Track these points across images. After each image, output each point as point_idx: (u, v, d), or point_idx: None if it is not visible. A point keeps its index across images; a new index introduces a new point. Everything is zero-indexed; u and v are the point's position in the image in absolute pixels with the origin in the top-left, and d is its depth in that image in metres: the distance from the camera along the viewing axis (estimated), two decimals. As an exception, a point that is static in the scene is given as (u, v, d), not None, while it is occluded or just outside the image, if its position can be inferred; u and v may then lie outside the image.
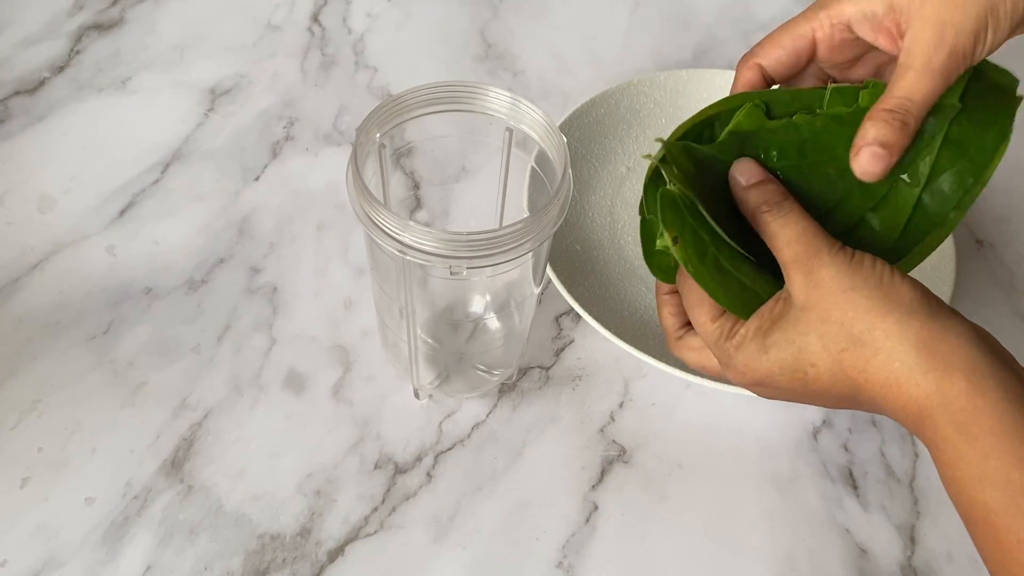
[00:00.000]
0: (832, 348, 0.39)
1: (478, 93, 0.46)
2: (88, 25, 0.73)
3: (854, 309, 0.39)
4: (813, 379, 0.41)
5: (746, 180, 0.43)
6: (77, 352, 0.55)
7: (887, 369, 0.38)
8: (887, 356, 0.38)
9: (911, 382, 0.38)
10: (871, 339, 0.39)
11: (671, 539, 0.50)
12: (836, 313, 0.39)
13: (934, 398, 0.37)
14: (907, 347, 0.38)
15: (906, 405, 0.38)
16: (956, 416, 0.37)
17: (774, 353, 0.41)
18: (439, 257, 0.41)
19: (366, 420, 0.53)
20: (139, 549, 0.48)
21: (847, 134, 0.43)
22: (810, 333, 0.40)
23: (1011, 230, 0.66)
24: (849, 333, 0.39)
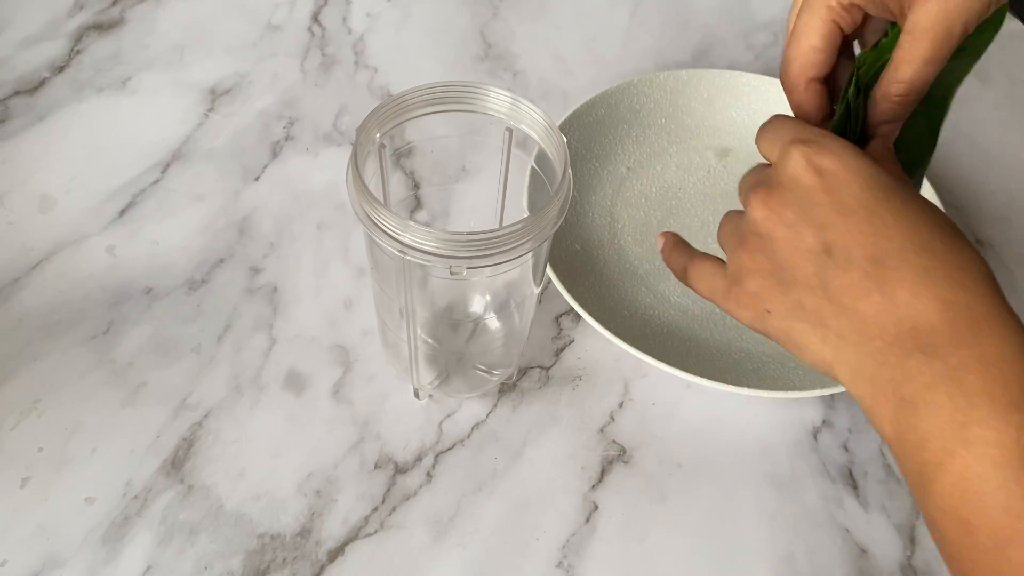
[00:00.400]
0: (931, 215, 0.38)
1: (478, 93, 0.46)
2: (88, 25, 0.73)
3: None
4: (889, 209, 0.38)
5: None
6: (77, 352, 0.55)
7: (979, 262, 0.37)
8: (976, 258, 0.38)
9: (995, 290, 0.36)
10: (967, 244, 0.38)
11: (671, 539, 0.50)
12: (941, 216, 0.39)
13: (1006, 309, 0.36)
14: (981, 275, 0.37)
15: (970, 299, 0.36)
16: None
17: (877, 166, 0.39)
18: (439, 257, 0.41)
19: (366, 420, 0.53)
20: (139, 549, 0.48)
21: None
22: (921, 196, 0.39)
23: (1011, 230, 0.66)
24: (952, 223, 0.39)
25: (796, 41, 0.44)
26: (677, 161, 0.66)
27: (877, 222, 0.37)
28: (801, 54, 0.44)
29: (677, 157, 0.66)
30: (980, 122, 0.73)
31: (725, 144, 0.67)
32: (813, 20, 0.43)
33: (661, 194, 0.64)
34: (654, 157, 0.66)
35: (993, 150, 0.71)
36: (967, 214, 0.66)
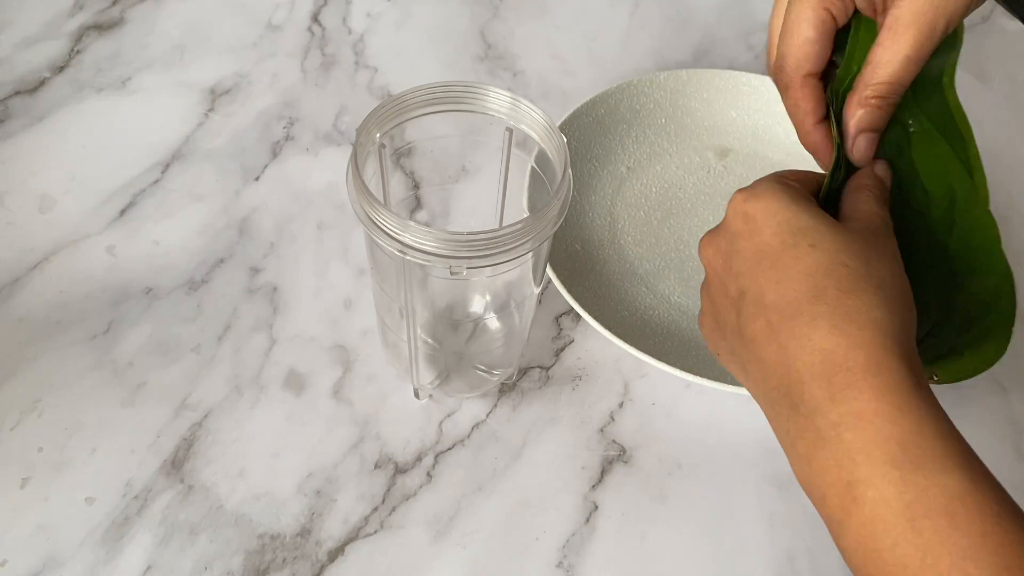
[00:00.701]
0: (841, 257, 0.37)
1: (478, 93, 0.46)
2: (88, 25, 0.73)
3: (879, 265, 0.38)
4: (796, 255, 0.37)
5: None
6: (77, 352, 0.55)
7: (868, 312, 0.36)
8: (880, 301, 0.36)
9: (881, 339, 0.35)
10: (878, 285, 0.37)
11: (671, 539, 0.50)
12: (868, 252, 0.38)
13: (893, 357, 0.34)
14: (899, 308, 0.36)
15: (849, 350, 0.35)
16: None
17: (794, 209, 0.38)
18: (439, 257, 0.41)
19: (366, 420, 0.53)
20: (139, 549, 0.48)
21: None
22: (839, 234, 0.38)
23: (1011, 230, 0.66)
24: (864, 271, 0.37)
25: (788, 35, 0.43)
26: (677, 161, 0.66)
27: (780, 269, 0.37)
28: (795, 48, 0.43)
29: (677, 157, 0.66)
30: (980, 122, 0.73)
31: (725, 144, 0.67)
32: (804, 11, 0.42)
33: (661, 194, 0.64)
34: (654, 157, 0.66)
35: (993, 150, 0.71)
36: (967, 214, 0.66)
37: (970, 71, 0.76)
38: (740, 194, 0.40)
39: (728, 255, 0.39)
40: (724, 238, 0.40)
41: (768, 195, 0.39)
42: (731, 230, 0.40)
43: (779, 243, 0.37)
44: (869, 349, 0.34)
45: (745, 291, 0.38)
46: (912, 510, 0.32)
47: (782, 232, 0.37)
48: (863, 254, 0.37)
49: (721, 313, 0.40)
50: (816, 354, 0.35)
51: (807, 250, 0.37)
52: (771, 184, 0.39)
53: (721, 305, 0.40)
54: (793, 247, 0.37)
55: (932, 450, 0.33)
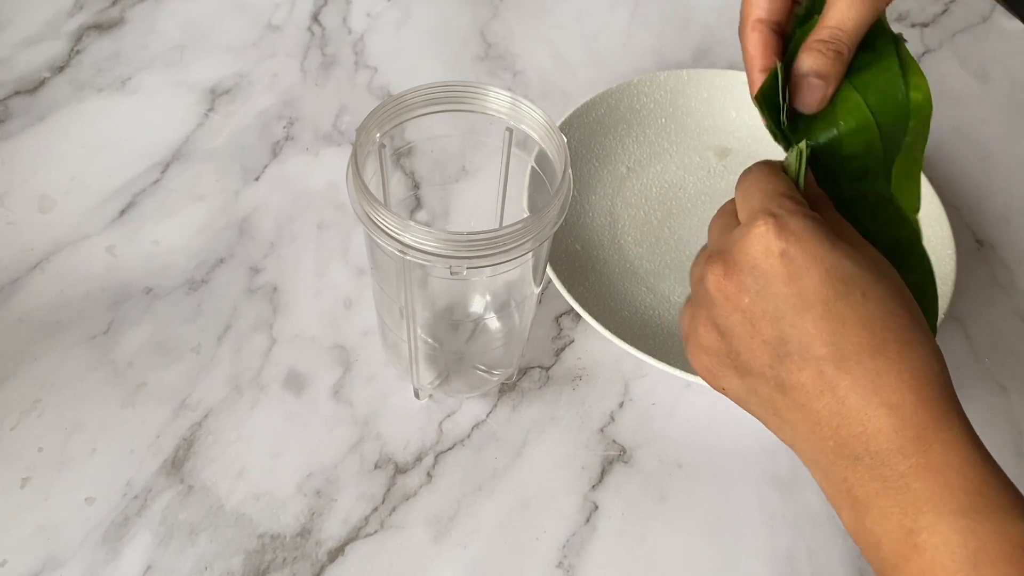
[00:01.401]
0: (894, 307, 0.36)
1: (478, 93, 0.46)
2: (88, 25, 0.73)
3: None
4: (850, 305, 0.36)
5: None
6: (77, 352, 0.55)
7: (935, 362, 0.36)
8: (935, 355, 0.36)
9: (947, 391, 0.36)
10: (928, 338, 0.37)
11: (671, 539, 0.50)
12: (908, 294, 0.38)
13: (956, 414, 0.35)
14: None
15: (919, 404, 0.35)
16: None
17: (840, 253, 0.36)
18: (439, 257, 0.41)
19: (366, 420, 0.53)
20: (139, 549, 0.48)
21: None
22: (886, 278, 0.37)
23: (1011, 230, 0.66)
24: (919, 317, 0.37)
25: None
26: (677, 161, 0.66)
27: (835, 320, 0.36)
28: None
29: (677, 157, 0.66)
30: (980, 122, 0.73)
31: (725, 144, 0.67)
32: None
33: (661, 194, 0.64)
34: (654, 157, 0.66)
35: (993, 150, 0.71)
36: (967, 214, 0.66)
37: (970, 71, 0.76)
38: (768, 228, 0.37)
39: (759, 295, 0.37)
40: (751, 276, 0.37)
41: (807, 236, 0.37)
42: (761, 268, 0.37)
43: (831, 292, 0.36)
44: (935, 404, 0.35)
45: (787, 339, 0.37)
46: (976, 557, 0.33)
47: (831, 280, 0.36)
48: (904, 299, 0.37)
49: (743, 354, 0.38)
50: (883, 408, 0.35)
51: (860, 300, 0.36)
52: (804, 220, 0.37)
53: (745, 347, 0.38)
54: (846, 296, 0.36)
55: (997, 500, 0.34)
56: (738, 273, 0.38)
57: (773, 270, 0.37)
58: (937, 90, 0.44)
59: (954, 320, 0.60)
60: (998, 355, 0.59)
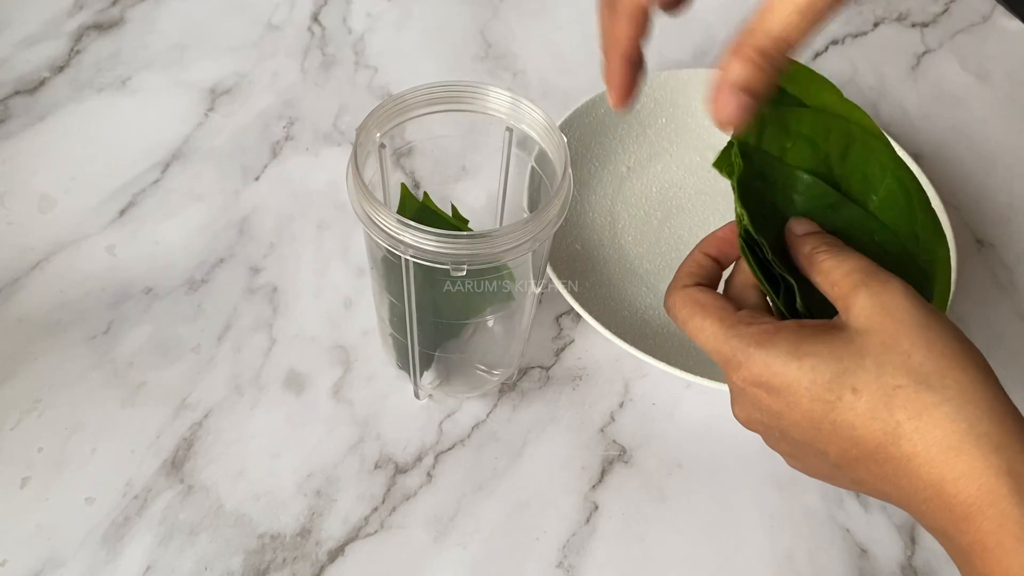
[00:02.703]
0: (888, 380, 0.34)
1: (478, 93, 0.46)
2: (88, 25, 0.73)
3: (927, 347, 0.34)
4: (845, 407, 0.35)
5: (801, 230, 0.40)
6: (77, 352, 0.55)
7: (950, 425, 0.33)
8: (954, 411, 0.33)
9: (976, 451, 0.32)
10: (941, 386, 0.33)
11: (671, 539, 0.50)
12: (905, 344, 0.34)
13: (1003, 482, 0.32)
14: (982, 411, 0.33)
15: (956, 481, 0.33)
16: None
17: (809, 362, 0.35)
18: (439, 257, 0.41)
19: (366, 420, 0.53)
20: (139, 549, 0.48)
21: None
22: (866, 356, 0.35)
23: (1011, 230, 0.66)
24: (915, 371, 0.34)
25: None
26: (677, 161, 0.66)
27: (842, 427, 0.35)
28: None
29: (677, 157, 0.66)
30: (980, 122, 0.73)
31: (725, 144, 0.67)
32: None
33: (661, 194, 0.64)
34: (654, 157, 0.66)
35: (993, 150, 0.71)
36: (967, 214, 0.66)
37: (970, 71, 0.76)
38: (737, 375, 0.37)
39: (782, 430, 0.37)
40: (763, 414, 0.38)
41: (771, 369, 0.36)
42: (763, 407, 0.37)
43: (823, 406, 0.35)
44: (971, 476, 0.33)
45: (825, 452, 0.36)
46: None
47: (817, 395, 0.35)
48: (902, 362, 0.34)
49: (799, 456, 0.39)
50: (929, 490, 0.34)
51: (852, 399, 0.35)
52: (757, 352, 0.36)
53: (796, 451, 0.39)
54: (839, 402, 0.35)
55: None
56: (758, 416, 0.38)
57: (770, 406, 0.37)
58: (937, 90, 0.44)
59: (954, 320, 0.60)
60: (998, 355, 0.59)
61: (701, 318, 0.39)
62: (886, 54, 0.78)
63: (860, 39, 0.79)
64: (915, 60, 0.77)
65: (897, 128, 0.71)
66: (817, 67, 0.77)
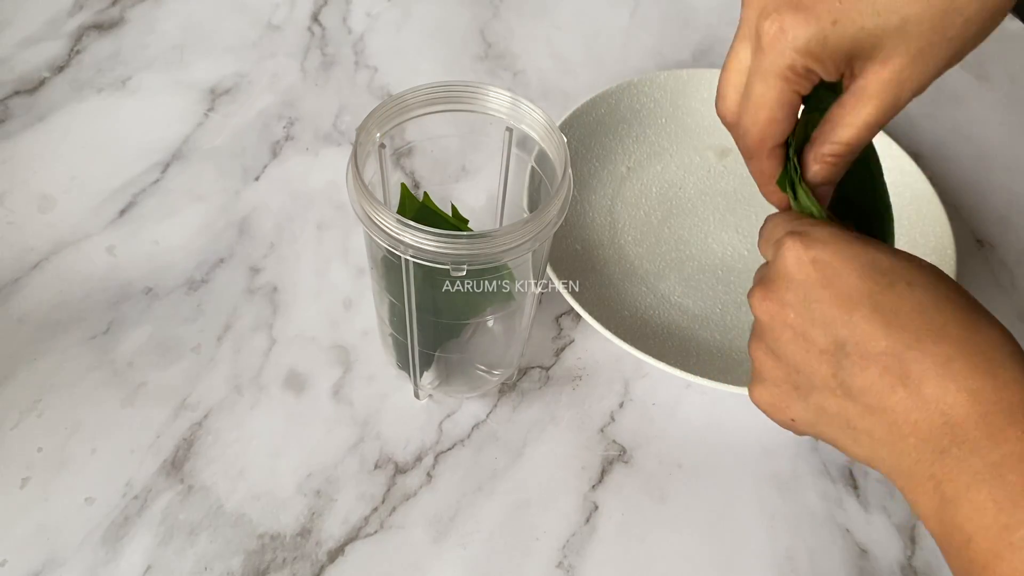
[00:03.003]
0: (943, 291, 0.35)
1: (478, 93, 0.46)
2: (88, 25, 0.73)
3: (972, 301, 0.37)
4: (895, 295, 0.35)
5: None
6: (77, 352, 0.55)
7: (993, 346, 0.35)
8: (1000, 336, 0.35)
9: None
10: (988, 319, 0.36)
11: (671, 539, 0.50)
12: (955, 284, 0.37)
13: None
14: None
15: (1003, 388, 0.33)
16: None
17: (873, 249, 0.36)
18: (439, 257, 0.41)
19: (366, 420, 0.53)
20: (139, 549, 0.48)
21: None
22: (926, 267, 0.36)
23: (1011, 230, 0.66)
24: (969, 298, 0.36)
25: (754, 113, 0.41)
26: (677, 161, 0.66)
27: (886, 312, 0.35)
28: (762, 126, 0.41)
29: (677, 157, 0.66)
30: (980, 122, 0.73)
31: (725, 144, 0.67)
32: (768, 92, 0.40)
33: (661, 194, 0.64)
34: (654, 157, 0.66)
35: (993, 150, 0.71)
36: (967, 214, 0.66)
37: (970, 71, 0.76)
38: (796, 240, 0.37)
39: (804, 306, 0.37)
40: (789, 289, 0.37)
41: (834, 239, 0.37)
42: (798, 279, 0.37)
43: (873, 285, 0.35)
44: (1019, 387, 0.33)
45: (843, 341, 0.36)
46: None
47: (871, 274, 0.35)
48: (954, 285, 0.36)
49: (803, 371, 0.38)
50: (963, 394, 0.33)
51: (906, 288, 0.35)
52: (830, 228, 0.38)
53: (802, 362, 0.38)
54: (890, 287, 0.35)
55: None
56: (776, 291, 0.38)
57: (810, 278, 0.37)
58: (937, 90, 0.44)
59: (954, 320, 0.60)
60: (998, 355, 0.59)
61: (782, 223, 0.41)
62: (886, 54, 0.78)
63: (860, 39, 0.79)
64: (915, 60, 0.77)
65: (897, 128, 0.71)
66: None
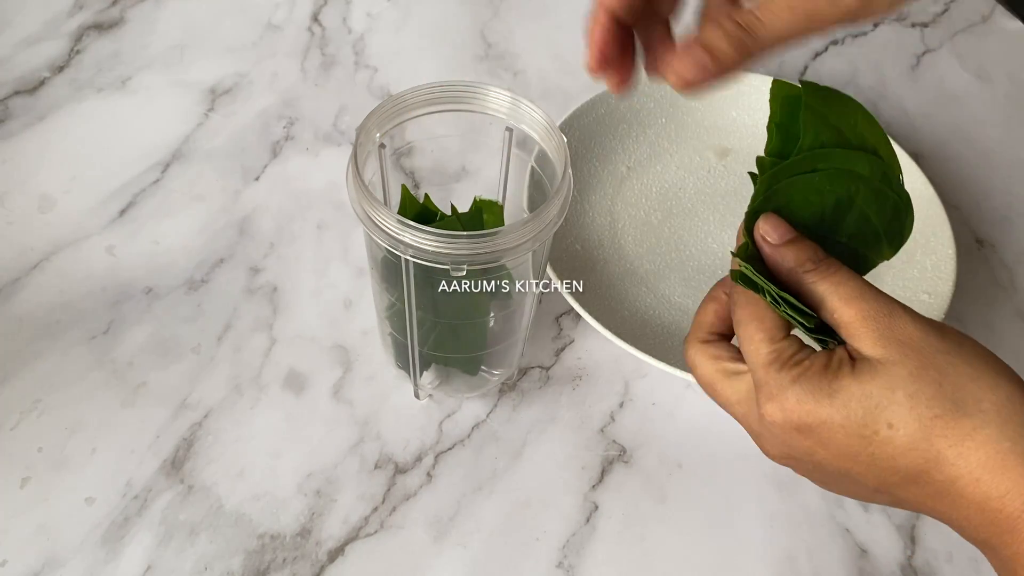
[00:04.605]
0: (924, 412, 0.34)
1: (478, 93, 0.46)
2: (88, 25, 0.73)
3: (955, 373, 0.34)
4: (883, 441, 0.34)
5: (777, 238, 0.38)
6: (77, 352, 0.55)
7: (992, 447, 0.33)
8: (996, 432, 0.33)
9: (1022, 467, 0.32)
10: (977, 410, 0.33)
11: (671, 539, 0.50)
12: (933, 373, 0.34)
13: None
14: (1022, 427, 0.33)
15: (1002, 498, 0.33)
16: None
17: (841, 400, 0.35)
18: (439, 257, 0.41)
19: (366, 420, 0.53)
20: (139, 549, 0.48)
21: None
22: (896, 390, 0.34)
23: (1011, 230, 0.66)
24: (949, 398, 0.34)
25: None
26: (677, 161, 0.66)
27: (884, 459, 0.35)
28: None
29: (677, 157, 0.66)
30: (980, 122, 0.73)
31: (725, 144, 0.67)
32: None
33: (661, 194, 0.64)
34: (654, 157, 0.66)
35: (993, 150, 0.71)
36: (967, 214, 0.66)
37: (970, 71, 0.76)
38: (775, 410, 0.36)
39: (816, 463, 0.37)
40: (795, 453, 0.37)
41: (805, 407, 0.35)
42: (797, 446, 0.37)
43: (859, 441, 0.35)
44: (1017, 491, 0.33)
45: (863, 480, 0.36)
46: None
47: (852, 431, 0.35)
48: (934, 392, 0.34)
49: (845, 484, 0.38)
50: (972, 507, 0.34)
51: (889, 433, 0.34)
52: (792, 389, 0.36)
53: (841, 483, 0.38)
54: (875, 436, 0.35)
55: None
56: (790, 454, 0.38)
57: (802, 445, 0.37)
58: (937, 90, 0.44)
59: (954, 320, 0.60)
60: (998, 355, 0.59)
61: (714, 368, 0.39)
62: (886, 54, 0.78)
63: (860, 39, 0.79)
64: (915, 60, 0.77)
65: (897, 128, 0.72)
66: (817, 67, 0.77)
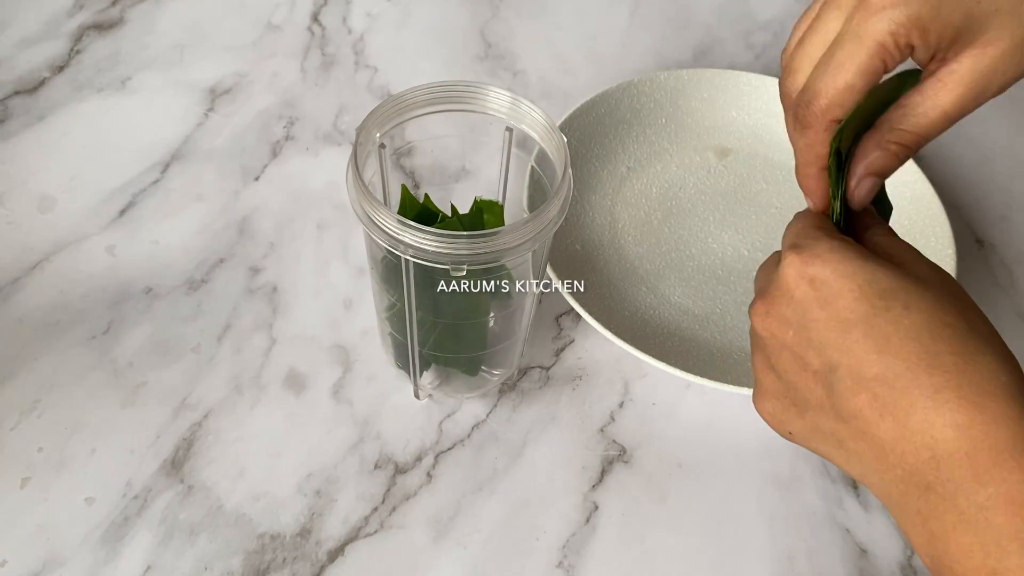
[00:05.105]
0: (941, 316, 0.34)
1: (478, 93, 0.46)
2: (88, 25, 0.73)
3: (981, 317, 0.35)
4: (890, 319, 0.34)
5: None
6: (77, 352, 0.55)
7: (991, 374, 0.33)
8: (998, 361, 0.33)
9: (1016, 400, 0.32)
10: (987, 342, 0.34)
11: (671, 539, 0.50)
12: (965, 299, 0.35)
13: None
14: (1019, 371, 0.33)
15: (993, 422, 0.32)
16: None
17: (872, 266, 0.35)
18: (439, 257, 0.41)
19: (366, 420, 0.53)
20: (139, 549, 0.48)
21: None
22: (930, 289, 0.34)
23: (1011, 230, 0.66)
24: (969, 321, 0.34)
25: (832, 74, 0.37)
26: (677, 161, 0.66)
27: (878, 337, 0.34)
28: (835, 92, 0.37)
29: (677, 157, 0.66)
30: (980, 122, 0.73)
31: (725, 144, 0.67)
32: (858, 54, 0.36)
33: (661, 194, 0.64)
34: (654, 157, 0.66)
35: (993, 150, 0.71)
36: (967, 214, 0.66)
37: (970, 71, 0.76)
38: (795, 256, 0.36)
39: (801, 326, 0.36)
40: (788, 306, 0.37)
41: (834, 256, 0.35)
42: (795, 297, 0.36)
43: (868, 308, 0.34)
44: (1009, 423, 0.32)
45: (835, 365, 0.35)
46: None
47: (867, 296, 0.34)
48: (957, 309, 0.34)
49: (799, 390, 0.37)
50: (949, 429, 0.32)
51: (903, 312, 0.34)
52: (830, 242, 0.36)
53: (798, 381, 0.37)
54: (886, 311, 0.34)
55: None
56: (776, 308, 0.37)
57: (807, 298, 0.36)
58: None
59: (954, 320, 0.60)
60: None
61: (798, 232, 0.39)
62: (886, 54, 0.78)
63: (860, 39, 0.79)
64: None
65: (897, 128, 0.71)
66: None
